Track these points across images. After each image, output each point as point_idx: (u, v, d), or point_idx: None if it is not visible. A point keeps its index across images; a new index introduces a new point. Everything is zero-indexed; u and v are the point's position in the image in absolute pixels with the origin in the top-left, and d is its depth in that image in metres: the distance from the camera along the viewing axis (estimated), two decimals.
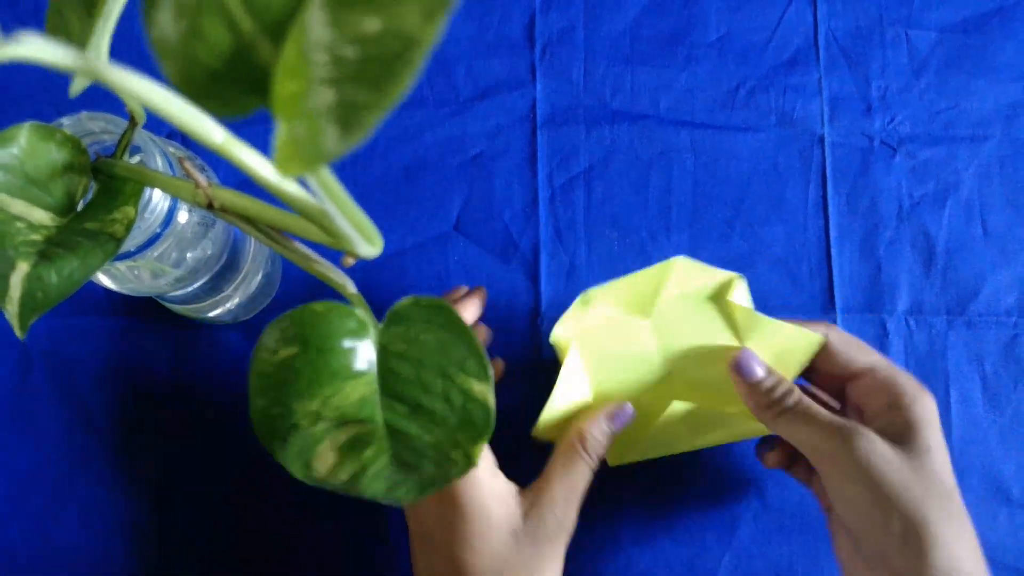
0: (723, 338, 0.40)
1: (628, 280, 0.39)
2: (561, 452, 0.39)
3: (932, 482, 0.34)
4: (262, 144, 0.20)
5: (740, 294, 0.40)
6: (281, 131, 0.17)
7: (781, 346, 0.39)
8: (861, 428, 0.35)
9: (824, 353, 0.39)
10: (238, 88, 0.18)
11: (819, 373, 0.41)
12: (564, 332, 0.40)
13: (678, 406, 0.40)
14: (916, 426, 0.35)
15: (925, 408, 0.36)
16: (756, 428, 0.40)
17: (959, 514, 0.34)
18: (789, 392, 0.38)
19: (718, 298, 0.40)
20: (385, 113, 0.15)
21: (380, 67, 0.14)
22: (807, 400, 0.37)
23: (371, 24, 0.14)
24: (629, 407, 0.40)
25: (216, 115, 0.19)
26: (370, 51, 0.14)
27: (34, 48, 0.16)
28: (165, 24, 0.17)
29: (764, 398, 0.38)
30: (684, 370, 0.41)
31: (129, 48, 0.27)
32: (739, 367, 0.39)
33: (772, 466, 0.42)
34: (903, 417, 0.36)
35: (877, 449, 0.34)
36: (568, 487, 0.38)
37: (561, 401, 0.40)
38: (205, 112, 0.19)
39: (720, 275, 0.40)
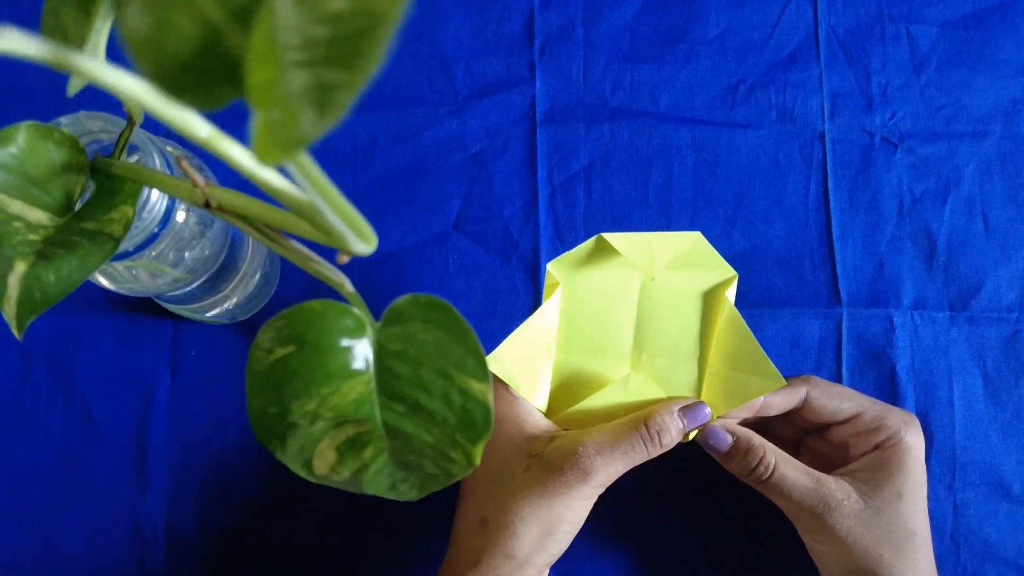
0: (693, 335, 0.41)
1: (644, 236, 0.40)
2: (622, 420, 0.38)
3: (896, 532, 0.38)
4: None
5: (731, 292, 0.41)
6: (258, 119, 0.17)
7: (742, 365, 0.40)
8: (832, 500, 0.37)
9: (807, 407, 0.41)
10: (213, 79, 0.18)
11: (804, 421, 0.42)
12: (557, 271, 0.41)
13: (632, 379, 0.40)
14: (895, 467, 0.38)
15: (909, 447, 0.39)
16: None
17: (920, 559, 0.38)
18: (762, 460, 0.38)
19: (712, 294, 0.41)
20: (358, 92, 0.15)
21: (350, 46, 0.14)
22: (781, 471, 0.38)
23: (337, 3, 0.14)
24: (707, 408, 0.39)
25: (194, 108, 0.19)
26: (339, 30, 0.14)
27: (13, 43, 0.16)
28: (134, 19, 0.17)
29: (741, 467, 0.39)
30: (646, 347, 0.41)
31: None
32: (709, 443, 0.40)
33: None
34: (886, 459, 0.39)
35: (848, 521, 0.37)
36: (611, 441, 0.37)
37: (525, 334, 0.39)
38: (183, 106, 0.18)
39: (725, 272, 0.41)
